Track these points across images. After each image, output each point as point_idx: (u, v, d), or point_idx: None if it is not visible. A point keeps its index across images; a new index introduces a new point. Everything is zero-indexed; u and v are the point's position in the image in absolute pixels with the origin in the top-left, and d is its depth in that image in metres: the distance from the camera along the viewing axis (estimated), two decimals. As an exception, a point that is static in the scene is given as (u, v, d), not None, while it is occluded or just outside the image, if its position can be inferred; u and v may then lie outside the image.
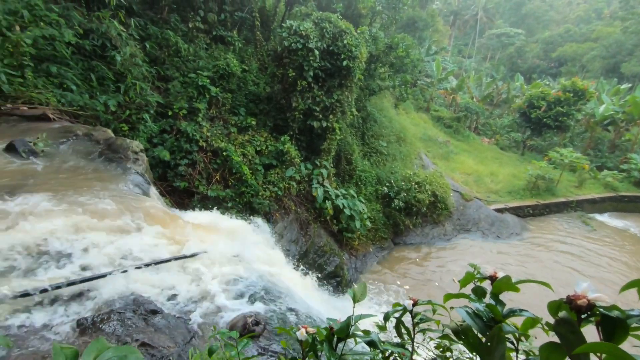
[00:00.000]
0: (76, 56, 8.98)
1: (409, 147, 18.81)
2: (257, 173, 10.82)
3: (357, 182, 14.35)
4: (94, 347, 1.17)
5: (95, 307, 3.16)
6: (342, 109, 12.40)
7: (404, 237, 14.90)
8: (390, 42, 15.21)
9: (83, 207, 4.00)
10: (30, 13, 7.98)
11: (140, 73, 9.82)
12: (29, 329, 2.81)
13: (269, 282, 4.54)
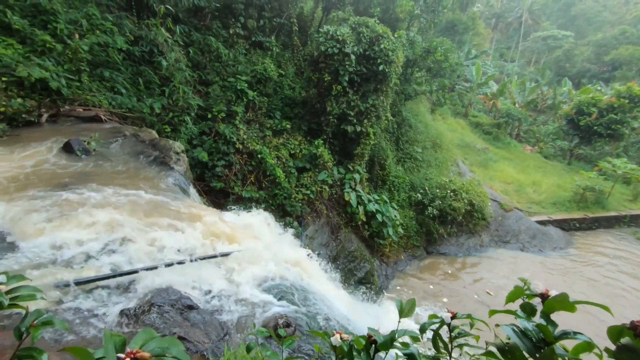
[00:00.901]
0: (126, 61, 9.59)
1: (445, 153, 18.27)
2: (290, 176, 10.97)
3: (390, 188, 14.13)
4: (141, 336, 1.23)
5: (137, 299, 3.32)
6: (376, 114, 12.30)
7: (437, 246, 14.45)
8: (428, 46, 14.90)
9: (129, 203, 4.24)
10: (88, 22, 8.63)
11: (184, 77, 10.30)
12: (79, 315, 3.01)
13: (299, 284, 4.57)
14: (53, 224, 3.77)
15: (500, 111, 30.61)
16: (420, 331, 1.86)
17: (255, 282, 4.07)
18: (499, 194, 18.34)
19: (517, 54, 60.07)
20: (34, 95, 6.98)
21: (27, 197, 4.29)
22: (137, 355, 1.06)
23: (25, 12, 7.79)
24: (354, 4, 15.30)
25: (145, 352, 1.08)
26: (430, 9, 17.27)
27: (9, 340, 2.29)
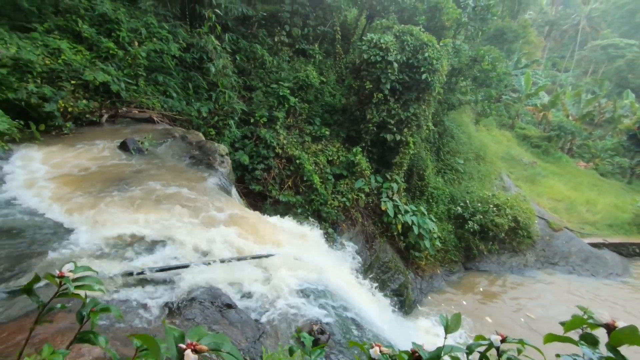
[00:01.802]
0: (178, 67, 10.18)
1: (489, 166, 17.47)
2: (327, 182, 11.01)
3: (429, 199, 13.73)
4: (195, 332, 1.28)
5: (180, 294, 3.47)
6: (417, 123, 12.05)
7: (477, 262, 13.79)
8: (475, 54, 14.41)
9: (177, 200, 4.46)
10: (147, 30, 9.27)
11: (230, 83, 10.73)
12: (128, 305, 3.19)
13: (335, 291, 4.55)
14: (110, 218, 4.05)
15: (551, 124, 28.79)
16: (468, 352, 1.78)
17: (292, 286, 4.11)
18: (547, 211, 17.20)
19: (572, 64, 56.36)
20: (97, 97, 7.59)
21: (89, 191, 4.66)
22: (197, 347, 1.11)
23: (94, 22, 8.53)
24: (398, 12, 15.18)
25: (203, 346, 1.13)
26: (478, 17, 16.72)
27: (70, 323, 2.48)
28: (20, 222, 3.99)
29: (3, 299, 2.75)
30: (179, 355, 1.14)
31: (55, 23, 7.90)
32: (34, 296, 1.57)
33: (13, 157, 5.35)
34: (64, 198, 4.45)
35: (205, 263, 3.79)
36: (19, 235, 3.78)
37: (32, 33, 7.37)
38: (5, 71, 6.20)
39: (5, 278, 3.05)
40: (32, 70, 6.59)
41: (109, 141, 6.28)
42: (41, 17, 7.87)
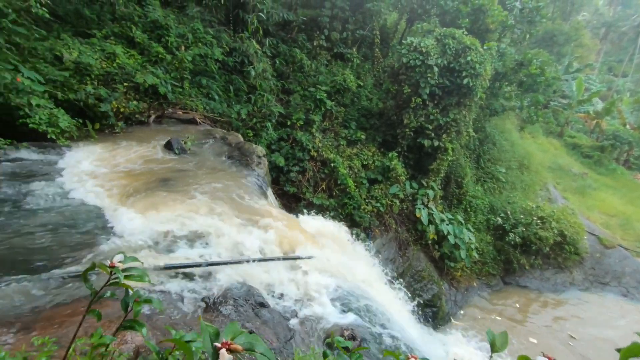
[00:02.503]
0: (221, 71, 10.57)
1: (534, 176, 16.52)
2: (361, 187, 10.92)
3: (467, 208, 13.21)
4: (230, 330, 1.31)
5: (216, 289, 3.57)
6: (457, 129, 11.66)
7: (517, 277, 13.05)
8: (521, 58, 13.73)
9: (216, 198, 4.62)
10: (193, 36, 9.71)
11: (269, 86, 10.99)
12: (167, 297, 3.33)
13: (367, 298, 4.49)
14: (154, 213, 4.27)
15: (606, 132, 26.70)
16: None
17: (324, 290, 4.11)
18: (597, 226, 15.94)
19: (631, 68, 52.03)
20: (146, 99, 8.06)
21: (136, 186, 4.95)
22: (232, 346, 1.13)
23: (146, 28, 9.06)
24: (440, 16, 14.81)
25: (237, 345, 1.15)
26: (525, 19, 15.93)
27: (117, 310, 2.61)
28: (74, 213, 4.31)
29: (60, 283, 2.97)
30: (215, 354, 1.17)
31: (112, 29, 8.49)
32: (88, 283, 1.68)
33: (71, 152, 5.80)
34: (113, 192, 4.75)
35: (241, 261, 3.89)
36: (73, 225, 4.08)
37: (92, 39, 7.96)
38: (68, 74, 6.74)
39: (61, 264, 3.30)
40: (91, 73, 7.12)
41: (156, 140, 6.63)
42: (100, 24, 8.50)
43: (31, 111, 5.75)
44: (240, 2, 10.95)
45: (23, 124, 5.69)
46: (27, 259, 3.34)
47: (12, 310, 2.58)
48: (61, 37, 7.29)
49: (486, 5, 14.26)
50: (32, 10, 6.21)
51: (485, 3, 14.19)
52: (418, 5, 14.47)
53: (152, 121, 7.95)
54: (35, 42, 6.67)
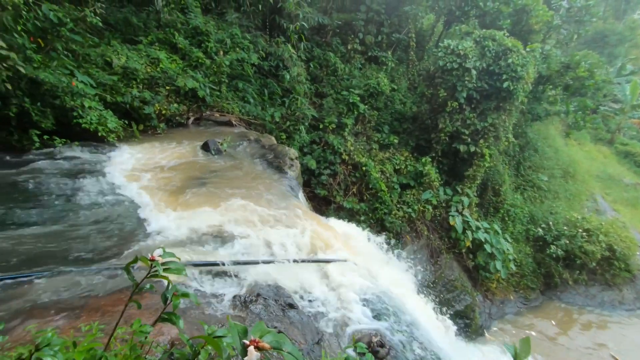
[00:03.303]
0: (256, 74, 10.84)
1: (579, 185, 15.51)
2: (392, 191, 10.76)
3: (504, 217, 12.62)
4: (257, 328, 1.33)
5: (247, 288, 3.64)
6: (495, 134, 11.21)
7: (558, 292, 12.27)
8: (568, 60, 12.98)
9: (250, 199, 4.74)
10: (231, 41, 10.04)
11: (302, 90, 11.13)
12: (201, 293, 3.44)
13: (397, 304, 4.41)
14: (191, 211, 4.45)
15: (663, 140, 24.58)
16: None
17: (353, 294, 4.07)
18: (653, 242, 14.65)
19: (695, 70, 47.55)
20: (186, 102, 8.42)
21: (175, 184, 5.19)
22: (259, 344, 1.15)
23: (187, 34, 9.49)
24: (479, 17, 14.32)
25: (265, 343, 1.17)
26: (573, 19, 15.06)
27: (155, 302, 2.74)
28: (118, 208, 4.58)
29: (104, 275, 3.17)
30: (243, 351, 1.19)
31: (157, 36, 8.97)
32: (130, 275, 1.77)
33: (117, 151, 6.18)
34: (154, 190, 5.00)
35: (273, 261, 3.95)
36: (117, 220, 4.33)
37: (138, 45, 8.46)
38: (116, 78, 7.20)
39: (105, 257, 3.51)
40: (137, 77, 7.56)
41: (194, 141, 6.92)
42: (146, 31, 9.00)
43: (84, 112, 6.18)
44: (277, 7, 11.20)
45: (76, 124, 6.13)
46: (75, 251, 3.58)
47: (62, 298, 2.77)
48: (111, 43, 7.81)
49: (530, 5, 13.63)
50: (87, 19, 6.70)
51: (529, 3, 13.57)
52: (456, 7, 14.08)
53: (191, 123, 8.29)
54: (89, 49, 7.19)
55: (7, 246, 3.46)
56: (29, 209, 4.26)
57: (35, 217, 4.14)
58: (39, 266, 3.19)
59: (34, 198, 4.45)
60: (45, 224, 4.07)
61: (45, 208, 4.33)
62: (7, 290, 2.82)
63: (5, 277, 2.95)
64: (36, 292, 2.82)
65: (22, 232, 3.83)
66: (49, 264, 3.26)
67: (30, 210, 4.23)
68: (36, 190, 4.62)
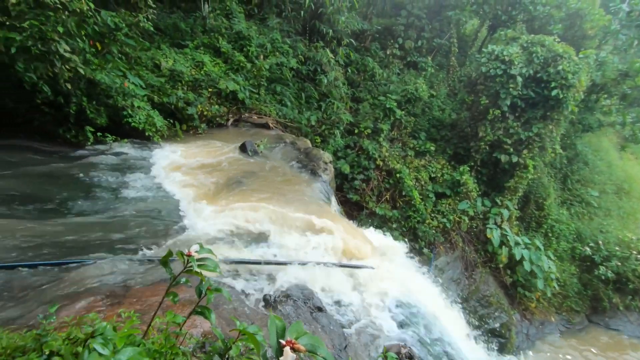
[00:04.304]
0: (294, 78, 11.02)
1: (635, 203, 14.29)
2: (427, 200, 10.48)
3: (547, 232, 11.87)
4: (294, 329, 1.34)
5: (277, 288, 3.69)
6: (540, 144, 10.60)
7: (606, 317, 11.34)
8: (626, 68, 12.04)
9: (283, 201, 4.82)
10: (272, 45, 10.29)
11: (339, 94, 11.17)
12: (233, 290, 3.53)
13: (428, 316, 4.27)
14: (227, 209, 4.59)
15: None
16: None
17: (383, 303, 4.01)
18: None
19: None
20: (226, 104, 8.73)
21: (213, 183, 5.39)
22: (295, 346, 1.16)
23: (230, 38, 9.85)
24: (527, 22, 13.68)
25: (301, 345, 1.17)
26: (634, 23, 13.95)
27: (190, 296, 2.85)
28: (160, 203, 4.82)
29: (145, 265, 3.34)
30: (279, 350, 1.20)
31: (202, 40, 9.39)
32: (168, 268, 1.86)
33: (161, 149, 6.52)
34: (193, 187, 5.23)
35: (303, 263, 3.97)
36: (158, 214, 4.56)
37: (185, 49, 8.90)
38: (164, 80, 7.62)
39: (148, 248, 3.70)
40: (182, 80, 7.95)
41: (232, 142, 7.15)
42: (192, 36, 9.46)
43: (133, 112, 6.59)
44: (317, 13, 11.35)
45: (126, 123, 6.55)
46: (119, 241, 3.81)
47: (106, 284, 2.96)
48: (161, 47, 8.28)
49: (585, 9, 12.85)
50: (140, 25, 7.15)
51: (584, 7, 12.79)
52: (502, 11, 13.54)
53: (230, 124, 8.58)
54: (140, 52, 7.67)
55: (61, 233, 3.74)
56: (81, 199, 4.60)
57: (86, 207, 4.46)
58: (86, 253, 3.43)
59: (86, 189, 4.80)
60: (94, 214, 4.37)
61: (95, 199, 4.65)
62: (60, 274, 3.05)
63: (59, 262, 3.19)
64: (84, 277, 3.03)
65: (74, 220, 4.14)
66: (96, 251, 3.49)
67: (82, 201, 4.56)
68: (88, 182, 4.98)
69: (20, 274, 2.98)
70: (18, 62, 5.02)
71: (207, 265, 1.83)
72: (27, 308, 2.58)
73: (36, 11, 5.01)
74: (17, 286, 2.87)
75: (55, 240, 3.57)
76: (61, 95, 5.69)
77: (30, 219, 3.92)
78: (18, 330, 1.96)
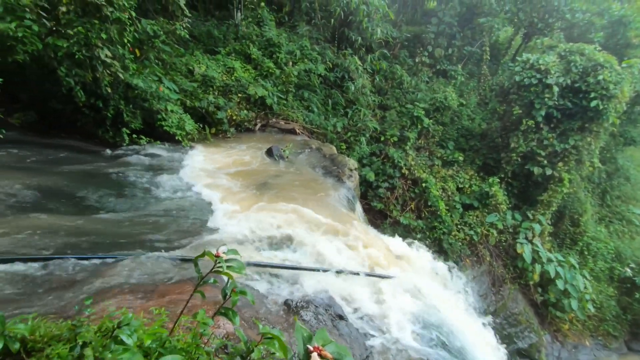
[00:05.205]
0: (321, 85, 11.10)
1: (682, 222, 13.27)
2: (453, 211, 10.20)
3: (583, 250, 11.24)
4: (319, 336, 1.33)
5: (299, 294, 3.68)
6: (577, 157, 10.10)
7: (648, 345, 10.55)
8: (676, 78, 11.29)
9: (308, 206, 4.84)
10: (301, 52, 10.44)
11: (366, 101, 11.15)
12: (255, 292, 3.56)
13: (452, 332, 4.13)
14: (252, 212, 4.67)
15: None
16: None
17: (405, 316, 3.91)
18: None
19: None
20: (254, 109, 8.91)
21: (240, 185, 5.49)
22: (322, 352, 1.15)
23: (261, 46, 10.08)
24: (566, 30, 13.16)
25: (328, 353, 1.16)
26: (684, 31, 13.09)
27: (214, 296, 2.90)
28: (188, 203, 4.97)
29: (173, 263, 3.44)
30: (306, 355, 1.19)
31: (234, 47, 9.67)
32: (197, 267, 1.90)
33: (191, 151, 6.74)
34: (221, 188, 5.36)
35: (324, 270, 3.96)
36: (186, 215, 4.69)
37: (217, 55, 9.19)
38: (196, 85, 7.89)
39: (174, 247, 3.81)
40: (213, 85, 8.21)
41: (259, 146, 7.29)
42: (225, 43, 9.76)
43: (167, 115, 6.86)
44: (346, 21, 11.42)
45: (159, 125, 6.81)
46: (150, 239, 3.94)
47: (136, 280, 3.06)
48: (194, 54, 8.59)
49: (628, 16, 12.21)
50: (176, 32, 7.46)
51: (628, 14, 12.16)
52: (539, 19, 13.10)
53: (258, 129, 8.74)
54: (175, 58, 8.00)
55: (96, 229, 3.92)
56: (115, 197, 4.81)
57: (120, 204, 4.67)
58: (120, 249, 3.57)
59: (120, 188, 5.02)
60: (127, 211, 4.56)
61: (128, 197, 4.85)
62: (95, 268, 3.19)
63: (94, 256, 3.34)
64: (116, 272, 3.15)
65: (108, 217, 4.33)
66: (128, 248, 3.63)
67: (117, 199, 4.77)
68: (123, 181, 5.21)
69: (58, 267, 3.15)
70: (61, 67, 5.35)
71: (234, 267, 1.86)
72: (63, 299, 2.71)
73: (83, 19, 5.34)
74: (56, 278, 3.03)
75: (91, 235, 3.75)
76: (100, 99, 6.01)
77: (70, 215, 4.14)
78: (54, 319, 2.06)
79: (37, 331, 1.86)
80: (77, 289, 2.86)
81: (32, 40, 4.90)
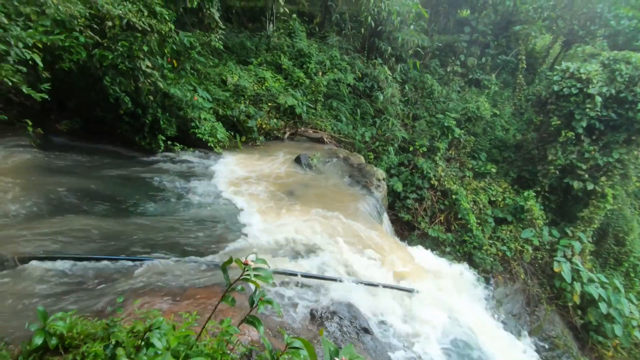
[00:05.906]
0: (350, 94, 11.12)
1: None
2: (485, 225, 9.81)
3: (629, 272, 10.44)
4: (347, 351, 1.31)
5: (324, 304, 3.65)
6: (623, 172, 9.49)
7: None
8: None
9: (335, 216, 4.83)
10: (331, 62, 10.54)
11: (395, 111, 11.03)
12: (281, 300, 3.56)
13: (482, 351, 3.93)
14: (280, 220, 4.71)
15: None
16: None
17: (433, 331, 3.78)
18: None
19: None
20: (284, 118, 9.05)
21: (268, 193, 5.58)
22: (349, 367, 1.13)
23: (292, 56, 10.28)
24: (609, 37, 12.49)
25: (354, 367, 1.14)
26: None
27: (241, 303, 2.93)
28: (219, 210, 5.09)
29: (202, 268, 3.52)
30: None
31: (265, 58, 9.91)
32: (226, 274, 1.93)
33: (222, 159, 6.92)
34: (251, 195, 5.47)
35: (351, 281, 3.91)
36: (216, 221, 4.80)
37: (249, 66, 9.46)
38: (229, 94, 8.14)
39: (204, 253, 3.91)
40: (245, 94, 8.43)
41: (287, 155, 7.38)
42: (257, 53, 10.03)
43: (200, 123, 7.10)
44: (376, 31, 11.43)
45: (192, 133, 7.06)
46: (181, 243, 4.06)
47: (166, 283, 3.16)
48: (228, 64, 8.88)
49: (681, 22, 11.43)
50: (211, 44, 7.75)
51: (680, 20, 11.39)
52: (579, 26, 12.53)
53: (286, 137, 8.86)
54: (210, 69, 8.30)
55: (131, 231, 4.09)
56: (150, 201, 5.01)
57: (154, 209, 4.85)
58: (152, 252, 3.70)
59: (155, 193, 5.22)
60: (160, 215, 4.73)
61: (162, 202, 5.04)
62: (127, 269, 3.32)
63: (127, 258, 3.48)
64: (147, 274, 3.27)
65: (143, 221, 4.51)
66: (159, 251, 3.76)
67: (151, 203, 4.96)
68: (158, 186, 5.42)
69: (93, 268, 3.31)
70: (106, 77, 5.70)
71: (261, 275, 1.88)
72: (98, 299, 2.84)
73: (127, 33, 5.67)
74: (91, 278, 3.18)
75: (126, 238, 3.92)
76: (140, 107, 6.33)
77: (107, 217, 4.35)
78: (89, 318, 2.15)
79: (74, 328, 1.95)
80: (110, 290, 2.98)
81: (78, 50, 5.27)
